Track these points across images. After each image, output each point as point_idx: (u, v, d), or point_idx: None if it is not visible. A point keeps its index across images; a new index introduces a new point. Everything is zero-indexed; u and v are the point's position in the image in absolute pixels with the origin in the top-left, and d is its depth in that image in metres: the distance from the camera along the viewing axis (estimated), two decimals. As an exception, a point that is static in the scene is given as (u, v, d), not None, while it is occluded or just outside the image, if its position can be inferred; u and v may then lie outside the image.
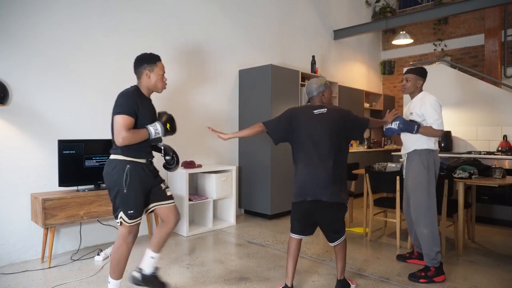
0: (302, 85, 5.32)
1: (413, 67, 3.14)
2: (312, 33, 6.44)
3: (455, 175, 3.44)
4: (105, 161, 3.69)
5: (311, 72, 5.85)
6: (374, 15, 7.95)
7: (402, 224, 3.75)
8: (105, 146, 3.58)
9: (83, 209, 3.22)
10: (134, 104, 2.30)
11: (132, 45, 3.95)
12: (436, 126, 2.85)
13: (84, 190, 3.36)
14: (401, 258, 3.27)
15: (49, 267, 3.08)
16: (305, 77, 5.53)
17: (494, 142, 5.03)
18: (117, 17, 3.84)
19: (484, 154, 4.81)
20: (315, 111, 2.49)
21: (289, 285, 2.50)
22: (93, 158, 3.47)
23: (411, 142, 3.00)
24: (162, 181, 2.54)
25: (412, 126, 2.87)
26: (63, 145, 3.29)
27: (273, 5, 5.66)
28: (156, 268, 2.58)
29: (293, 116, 2.53)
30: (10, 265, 3.13)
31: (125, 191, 2.23)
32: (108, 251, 3.34)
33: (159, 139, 2.42)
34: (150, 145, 2.47)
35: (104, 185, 3.58)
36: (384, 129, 3.05)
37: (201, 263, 3.17)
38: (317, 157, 2.39)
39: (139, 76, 2.46)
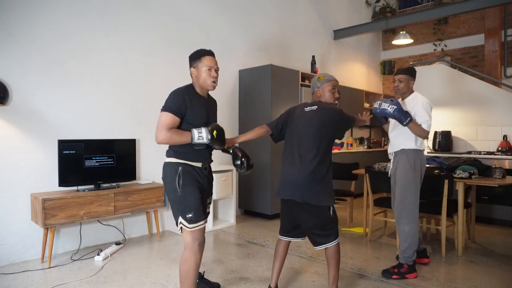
0: (302, 85, 5.32)
1: (404, 67, 3.13)
2: (312, 33, 6.44)
3: (455, 175, 3.44)
4: (105, 161, 3.73)
5: (311, 72, 5.85)
6: (374, 15, 7.95)
7: (402, 224, 3.75)
8: (105, 146, 3.59)
9: (83, 209, 3.22)
10: (182, 103, 2.14)
11: (132, 44, 3.95)
12: (425, 127, 2.84)
13: (84, 190, 3.35)
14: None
15: (49, 267, 3.08)
16: (305, 77, 5.53)
17: (494, 142, 5.02)
18: (117, 17, 3.84)
19: (484, 154, 4.81)
20: (306, 109, 2.43)
21: (272, 286, 2.46)
22: (93, 158, 3.47)
23: (399, 141, 2.99)
24: (211, 194, 2.40)
25: (405, 117, 2.75)
26: (63, 145, 3.29)
27: (273, 5, 5.66)
28: (203, 272, 2.65)
29: (290, 113, 2.51)
30: (10, 265, 3.13)
31: (179, 193, 2.11)
32: (108, 251, 3.34)
33: (202, 145, 2.17)
34: (210, 148, 2.28)
35: (105, 185, 3.59)
36: (375, 107, 2.85)
37: (201, 263, 3.17)
38: (297, 155, 2.31)
39: (190, 73, 2.31)
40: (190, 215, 2.10)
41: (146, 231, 4.03)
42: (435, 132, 5.37)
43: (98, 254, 3.25)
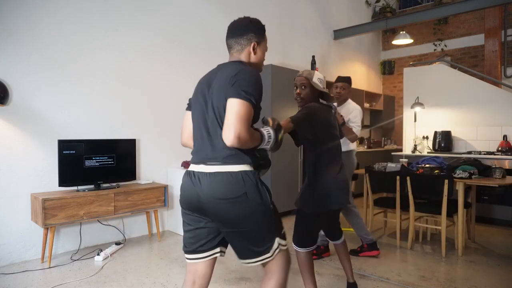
0: (302, 85, 5.32)
1: (344, 76, 3.54)
2: (312, 33, 6.43)
3: (455, 175, 3.44)
4: (105, 161, 3.72)
5: (311, 72, 5.84)
6: (374, 15, 7.95)
7: (402, 224, 3.75)
8: (105, 146, 3.59)
9: (83, 209, 3.22)
10: (261, 93, 1.51)
11: (132, 44, 3.95)
12: (355, 130, 3.25)
13: (84, 190, 3.35)
14: (353, 252, 3.31)
15: (49, 267, 3.08)
16: (305, 77, 5.52)
17: (494, 142, 5.02)
18: (117, 16, 3.84)
19: (484, 154, 4.81)
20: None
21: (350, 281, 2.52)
22: (93, 158, 3.47)
23: (344, 146, 3.13)
24: None
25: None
26: (63, 145, 3.29)
27: (273, 5, 5.66)
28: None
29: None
30: (10, 265, 3.13)
31: (271, 205, 1.53)
32: (108, 251, 3.34)
33: (262, 150, 1.61)
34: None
35: (105, 185, 3.58)
36: None
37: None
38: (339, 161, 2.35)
39: (239, 48, 1.61)
40: (284, 229, 1.62)
41: (146, 231, 4.03)
42: (435, 132, 5.37)
43: (98, 254, 3.25)
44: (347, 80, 3.47)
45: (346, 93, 3.44)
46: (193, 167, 1.55)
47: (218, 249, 1.63)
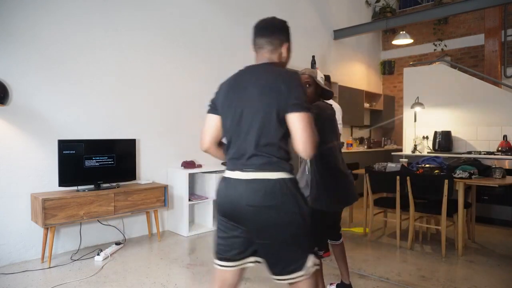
0: (302, 85, 5.31)
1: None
2: (312, 33, 6.43)
3: (455, 175, 3.44)
4: (105, 161, 3.72)
5: (311, 72, 5.84)
6: (374, 15, 7.95)
7: (402, 224, 3.75)
8: (105, 146, 3.59)
9: (83, 209, 3.22)
10: None
11: (132, 43, 3.95)
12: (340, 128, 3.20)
13: (84, 190, 3.35)
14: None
15: (49, 267, 3.08)
16: (305, 77, 5.51)
17: (494, 142, 5.02)
18: (117, 16, 3.84)
19: (484, 154, 4.81)
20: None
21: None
22: (93, 158, 3.47)
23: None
24: None
25: None
26: (63, 145, 3.29)
27: (273, 5, 5.66)
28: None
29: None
30: (10, 265, 3.13)
31: (307, 220, 1.46)
32: (108, 251, 3.34)
33: None
34: None
35: (105, 185, 3.58)
36: None
37: (201, 263, 3.17)
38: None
39: (272, 48, 1.58)
40: (316, 246, 1.55)
41: (146, 231, 4.03)
42: (435, 132, 5.37)
43: (98, 254, 3.24)
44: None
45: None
46: (229, 174, 1.49)
47: (252, 259, 1.55)
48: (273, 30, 1.60)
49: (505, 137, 4.90)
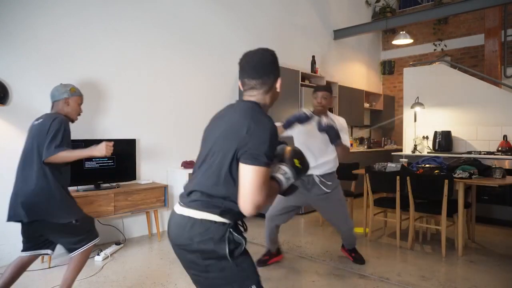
0: (302, 85, 5.32)
1: (325, 85, 3.29)
2: (312, 33, 6.43)
3: (455, 175, 3.44)
4: (105, 161, 3.72)
5: (311, 72, 5.85)
6: (374, 15, 7.95)
7: (402, 224, 3.75)
8: (105, 146, 3.58)
9: (83, 209, 3.19)
10: (275, 142, 1.36)
11: (131, 43, 3.95)
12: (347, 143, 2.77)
13: (84, 190, 3.35)
14: (261, 263, 3.08)
15: (49, 267, 3.08)
16: (305, 77, 5.53)
17: (494, 142, 5.02)
18: (117, 16, 3.84)
19: (484, 154, 4.81)
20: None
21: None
22: (93, 159, 3.47)
23: (333, 162, 2.99)
24: None
25: (339, 136, 2.56)
26: (63, 145, 3.29)
27: (273, 5, 5.66)
28: None
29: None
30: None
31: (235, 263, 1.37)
32: (108, 251, 3.34)
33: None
34: None
35: (105, 185, 3.58)
36: (320, 123, 2.55)
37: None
38: None
39: (262, 88, 1.50)
40: None
41: (146, 231, 4.03)
42: (435, 132, 5.37)
43: (98, 254, 3.25)
44: (328, 89, 2.94)
45: (328, 103, 2.89)
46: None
47: None
48: (264, 69, 1.52)
49: (505, 137, 4.90)
